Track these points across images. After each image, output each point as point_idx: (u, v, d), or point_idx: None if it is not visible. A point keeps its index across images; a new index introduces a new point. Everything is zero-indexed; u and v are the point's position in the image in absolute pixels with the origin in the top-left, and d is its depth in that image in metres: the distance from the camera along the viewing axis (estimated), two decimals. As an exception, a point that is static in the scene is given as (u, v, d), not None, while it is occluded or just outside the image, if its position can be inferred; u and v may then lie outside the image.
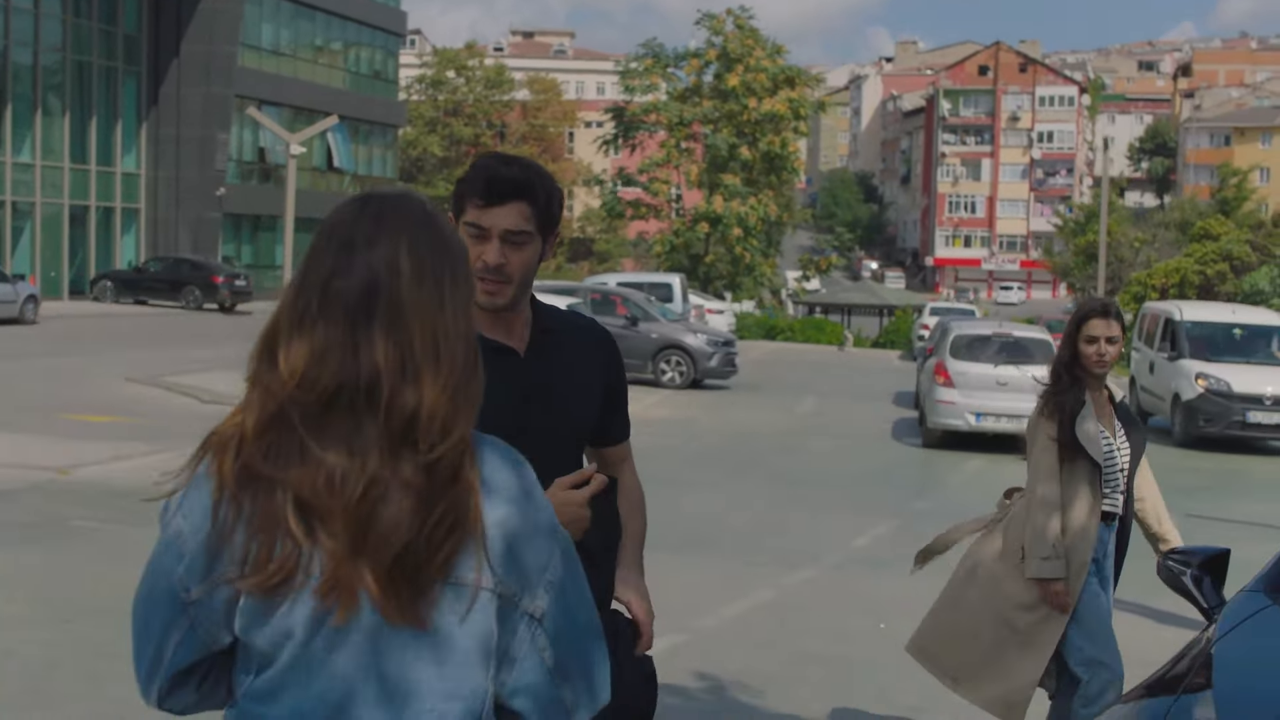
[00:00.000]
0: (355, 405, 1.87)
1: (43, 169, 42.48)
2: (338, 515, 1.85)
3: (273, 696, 1.94)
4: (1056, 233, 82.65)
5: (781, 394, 25.79)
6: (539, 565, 1.96)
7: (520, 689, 1.98)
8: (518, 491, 1.96)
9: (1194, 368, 20.08)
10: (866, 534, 11.96)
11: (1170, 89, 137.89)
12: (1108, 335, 5.29)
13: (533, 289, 3.08)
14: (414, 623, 1.88)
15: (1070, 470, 5.31)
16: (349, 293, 1.90)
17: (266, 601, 1.89)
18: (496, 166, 2.94)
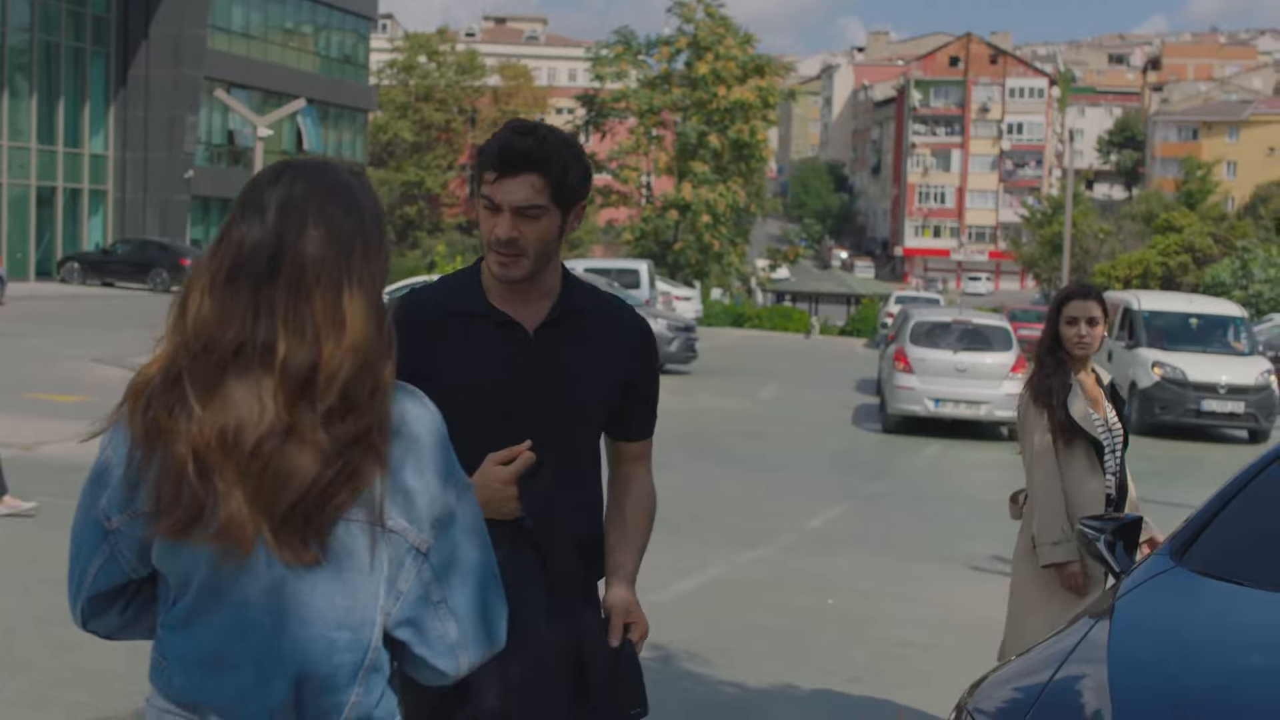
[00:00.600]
0: (255, 363, 1.96)
1: (9, 150, 42.29)
2: (232, 467, 1.95)
3: (184, 626, 2.07)
4: (1023, 224, 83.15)
5: (745, 380, 25.98)
6: (428, 503, 2.05)
7: (404, 621, 2.06)
8: (413, 431, 2.05)
9: (1150, 356, 20.36)
10: (821, 515, 12.16)
11: (1140, 82, 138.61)
12: (1088, 316, 5.27)
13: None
14: (306, 562, 1.99)
15: (1068, 454, 5.27)
16: (257, 255, 2.00)
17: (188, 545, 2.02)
18: (510, 137, 2.85)
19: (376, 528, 2.01)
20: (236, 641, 2.04)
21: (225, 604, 2.03)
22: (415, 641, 2.07)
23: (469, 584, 2.09)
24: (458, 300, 2.95)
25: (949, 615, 8.48)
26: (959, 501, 13.29)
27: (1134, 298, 22.39)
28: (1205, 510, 4.26)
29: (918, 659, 7.47)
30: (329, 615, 2.02)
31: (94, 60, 45.68)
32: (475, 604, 2.09)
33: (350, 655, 2.05)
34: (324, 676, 2.04)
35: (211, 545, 1.98)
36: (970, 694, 3.28)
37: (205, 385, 1.97)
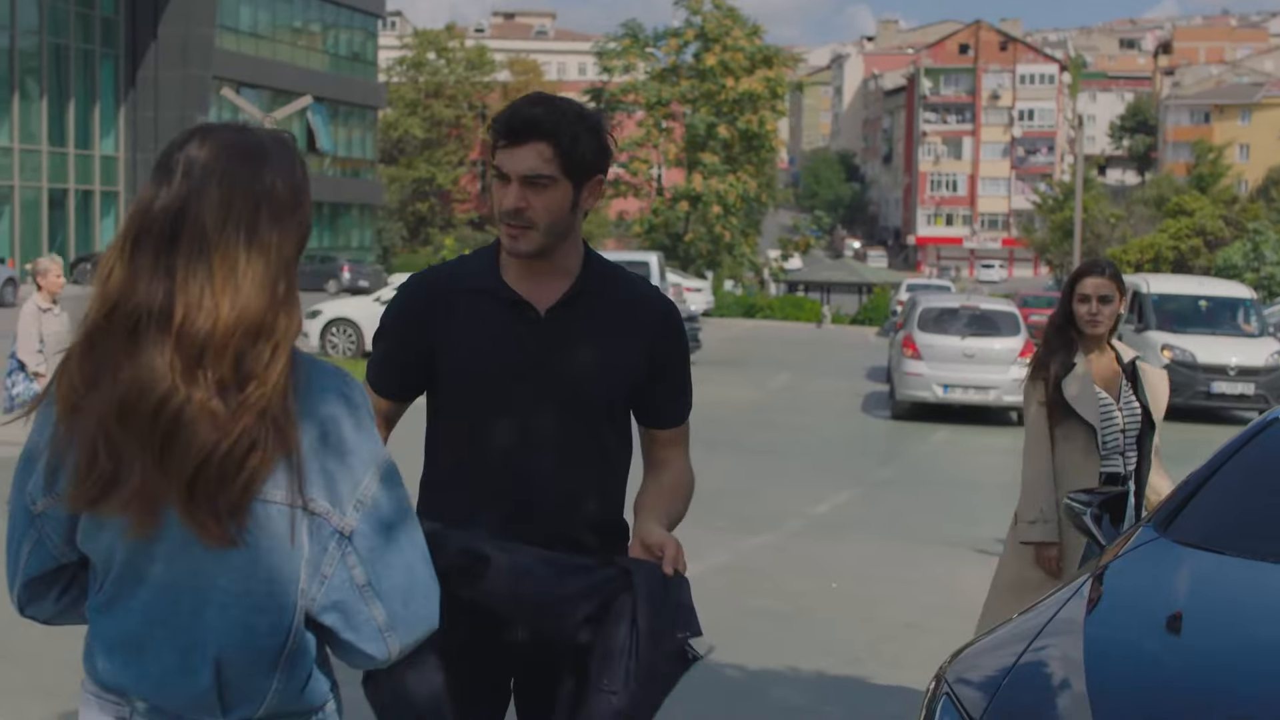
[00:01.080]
0: (154, 330, 1.92)
1: (21, 152, 42.48)
2: (134, 436, 1.92)
3: (108, 609, 2.05)
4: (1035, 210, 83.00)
5: (756, 370, 26.01)
6: (351, 484, 2.00)
7: (330, 605, 2.02)
8: (333, 411, 2.01)
9: (1160, 339, 20.32)
10: (827, 501, 12.18)
11: (1151, 66, 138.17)
12: (1100, 294, 5.22)
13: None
14: (221, 541, 1.95)
15: (1064, 433, 5.22)
16: (161, 218, 1.96)
17: (96, 517, 2.00)
18: (521, 105, 2.80)
19: (296, 510, 1.97)
20: (156, 625, 2.02)
21: (144, 586, 2.01)
22: (341, 626, 2.03)
23: (396, 566, 2.03)
24: (472, 277, 2.90)
25: (952, 598, 8.48)
26: (966, 486, 13.30)
27: (1143, 281, 22.35)
28: (1190, 482, 4.28)
29: (919, 641, 7.48)
30: (247, 599, 1.99)
31: (103, 62, 45.84)
32: (403, 585, 2.04)
33: (270, 640, 2.01)
34: (245, 661, 2.02)
35: (122, 518, 1.96)
36: (949, 663, 3.31)
37: (114, 352, 1.94)
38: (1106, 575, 3.69)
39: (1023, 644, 3.19)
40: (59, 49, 44.00)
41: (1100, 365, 5.35)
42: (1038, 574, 5.20)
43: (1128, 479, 5.30)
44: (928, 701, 3.16)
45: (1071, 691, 2.92)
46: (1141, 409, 5.34)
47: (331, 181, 58.23)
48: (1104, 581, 3.62)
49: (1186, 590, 3.60)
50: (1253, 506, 4.20)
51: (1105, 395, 5.27)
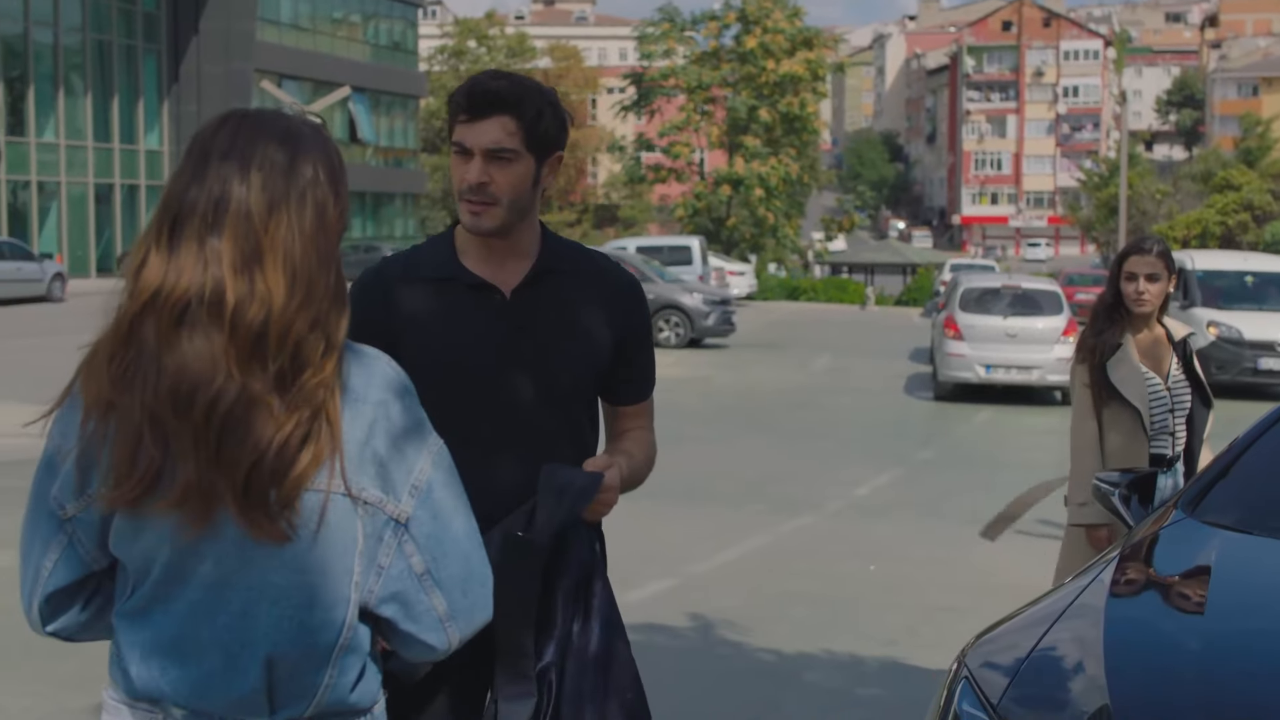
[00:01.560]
0: (204, 319, 1.86)
1: (67, 149, 42.84)
2: (187, 431, 1.85)
3: (143, 613, 1.96)
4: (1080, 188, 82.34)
5: (798, 352, 25.96)
6: (404, 471, 1.96)
7: (388, 596, 1.97)
8: (381, 397, 1.96)
9: (1205, 316, 20.13)
10: (868, 483, 12.15)
11: (1197, 40, 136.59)
12: (1147, 272, 5.15)
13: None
14: (275, 536, 1.89)
15: (1111, 413, 5.18)
16: (202, 204, 1.89)
17: (135, 518, 1.91)
18: (482, 78, 2.75)
19: (347, 499, 1.92)
20: (203, 625, 1.94)
21: (190, 586, 1.94)
22: (401, 618, 1.98)
23: (454, 553, 1.99)
24: (429, 265, 2.84)
25: (991, 580, 8.45)
26: (1007, 467, 13.23)
27: (1188, 258, 22.13)
28: (1220, 462, 4.25)
29: (956, 623, 7.43)
30: (300, 594, 1.93)
31: (146, 57, 46.15)
32: (461, 573, 2.00)
33: (324, 636, 1.96)
34: (296, 659, 1.96)
35: (171, 517, 1.89)
36: (971, 645, 3.30)
37: (158, 343, 1.87)
38: (1131, 556, 3.67)
39: (1043, 627, 3.18)
40: (102, 45, 44.33)
41: (1148, 344, 5.28)
42: (1091, 555, 5.17)
43: (1175, 460, 5.25)
44: (948, 684, 3.16)
45: (1089, 675, 2.90)
46: (1193, 387, 5.29)
47: (374, 171, 58.42)
48: (1128, 563, 3.60)
49: (1212, 571, 3.58)
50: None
51: (1152, 375, 5.22)
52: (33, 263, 33.32)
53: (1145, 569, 3.63)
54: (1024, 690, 2.93)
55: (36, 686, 5.91)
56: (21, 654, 6.28)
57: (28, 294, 32.19)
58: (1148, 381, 5.19)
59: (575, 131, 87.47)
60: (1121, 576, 3.48)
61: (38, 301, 32.28)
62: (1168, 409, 5.23)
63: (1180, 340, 5.33)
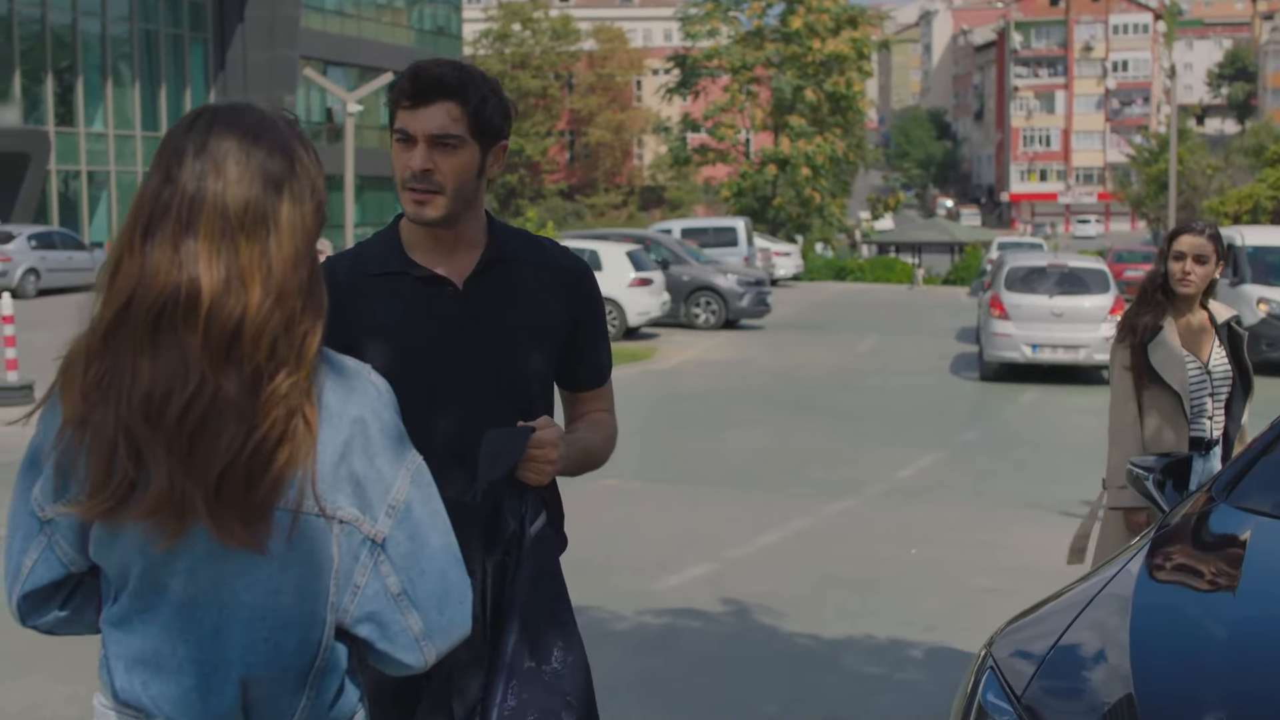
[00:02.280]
0: (179, 321, 1.83)
1: (115, 138, 43.18)
2: (160, 438, 1.82)
3: (125, 623, 1.95)
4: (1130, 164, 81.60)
5: (844, 333, 25.86)
6: (381, 490, 1.93)
7: (364, 616, 1.95)
8: (358, 414, 1.93)
9: (1255, 293, 19.91)
10: (911, 465, 12.09)
11: (1250, 11, 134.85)
12: (1196, 253, 5.09)
13: (546, 230, 2.84)
14: (249, 544, 1.86)
15: (1151, 396, 5.13)
16: (176, 205, 1.85)
17: (113, 527, 1.90)
18: (427, 65, 2.71)
19: (321, 518, 1.89)
20: (178, 643, 1.92)
21: (164, 601, 1.92)
22: (377, 638, 1.96)
23: (431, 571, 1.96)
24: (378, 261, 2.81)
25: (1033, 562, 8.39)
26: (1053, 447, 13.14)
27: (1237, 234, 21.86)
28: (1256, 446, 4.19)
29: (998, 606, 7.38)
30: (274, 615, 1.91)
31: (192, 46, 46.43)
32: (438, 592, 1.96)
33: (299, 657, 1.94)
34: (271, 680, 1.93)
35: (143, 526, 1.87)
36: (999, 633, 3.28)
37: (133, 350, 1.84)
38: (1163, 543, 3.63)
39: (1070, 616, 3.15)
40: (149, 35, 44.61)
41: (1191, 327, 5.22)
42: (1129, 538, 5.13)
43: (1214, 444, 5.21)
44: (974, 673, 3.14)
45: (1114, 666, 2.87)
46: (1235, 371, 5.23)
47: (419, 156, 58.55)
48: (1159, 550, 3.56)
49: (1244, 558, 3.53)
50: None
51: (1193, 358, 5.16)
52: (84, 252, 33.60)
53: (1176, 556, 3.59)
54: (1049, 680, 2.91)
55: (67, 679, 5.96)
56: (54, 645, 6.35)
57: (79, 283, 32.44)
58: (1188, 364, 5.13)
59: (620, 114, 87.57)
60: (1151, 564, 3.45)
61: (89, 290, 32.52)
62: (1207, 393, 5.17)
63: (1224, 323, 5.27)
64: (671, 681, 6.08)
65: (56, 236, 33.33)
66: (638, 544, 8.78)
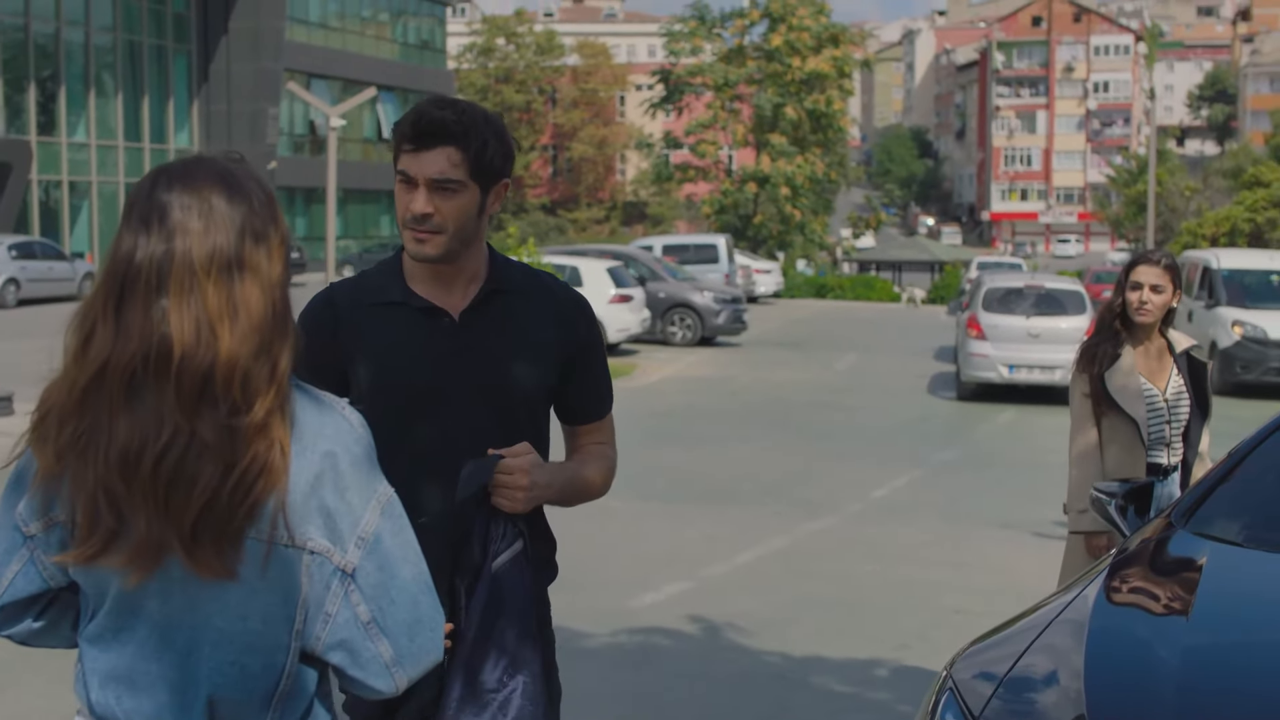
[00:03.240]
0: (152, 377, 1.91)
1: (98, 148, 43.16)
2: (138, 489, 1.90)
3: (101, 640, 2.03)
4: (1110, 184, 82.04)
5: (824, 351, 25.98)
6: (351, 523, 1.99)
7: (335, 644, 2.02)
8: (329, 448, 2.00)
9: (1230, 315, 20.09)
10: (887, 484, 12.20)
11: (1230, 34, 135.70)
12: (1152, 283, 5.19)
13: (532, 252, 2.88)
14: (222, 575, 1.94)
15: (1110, 424, 5.22)
16: (145, 268, 1.94)
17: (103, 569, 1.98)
18: (428, 108, 2.74)
19: (292, 549, 1.97)
20: (151, 661, 2.00)
21: (140, 622, 2.00)
22: (348, 664, 2.03)
23: (401, 601, 2.03)
24: (378, 291, 2.87)
25: (1006, 582, 8.50)
26: (1028, 467, 13.26)
27: (1213, 256, 22.08)
28: (1215, 473, 4.30)
29: (969, 626, 7.44)
30: (241, 639, 1.99)
31: (176, 57, 46.45)
32: (409, 621, 2.04)
33: (263, 680, 2.02)
34: (236, 701, 2.02)
35: (122, 569, 1.95)
36: (959, 655, 3.37)
37: (109, 411, 1.92)
38: (1121, 568, 3.73)
39: (1029, 638, 3.25)
40: (133, 45, 44.63)
41: (1149, 355, 5.33)
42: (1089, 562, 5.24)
43: (1172, 470, 5.31)
44: (934, 693, 3.23)
45: (1068, 687, 2.97)
46: (1193, 399, 5.33)
47: (403, 170, 58.66)
48: (1117, 575, 3.66)
49: (1199, 585, 3.63)
50: (1278, 498, 4.21)
51: (1151, 386, 5.26)
52: (64, 262, 33.60)
53: (1134, 580, 3.69)
54: (1005, 702, 3.01)
55: (57, 687, 6.02)
56: (43, 655, 6.41)
57: (59, 293, 32.45)
58: (1145, 392, 5.24)
59: (603, 129, 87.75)
60: (1109, 588, 3.55)
61: (69, 301, 32.53)
62: (1164, 420, 5.27)
63: (1182, 352, 5.38)
64: (647, 698, 6.17)
65: (37, 246, 33.32)
66: (617, 561, 8.86)
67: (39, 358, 2.08)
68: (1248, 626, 3.40)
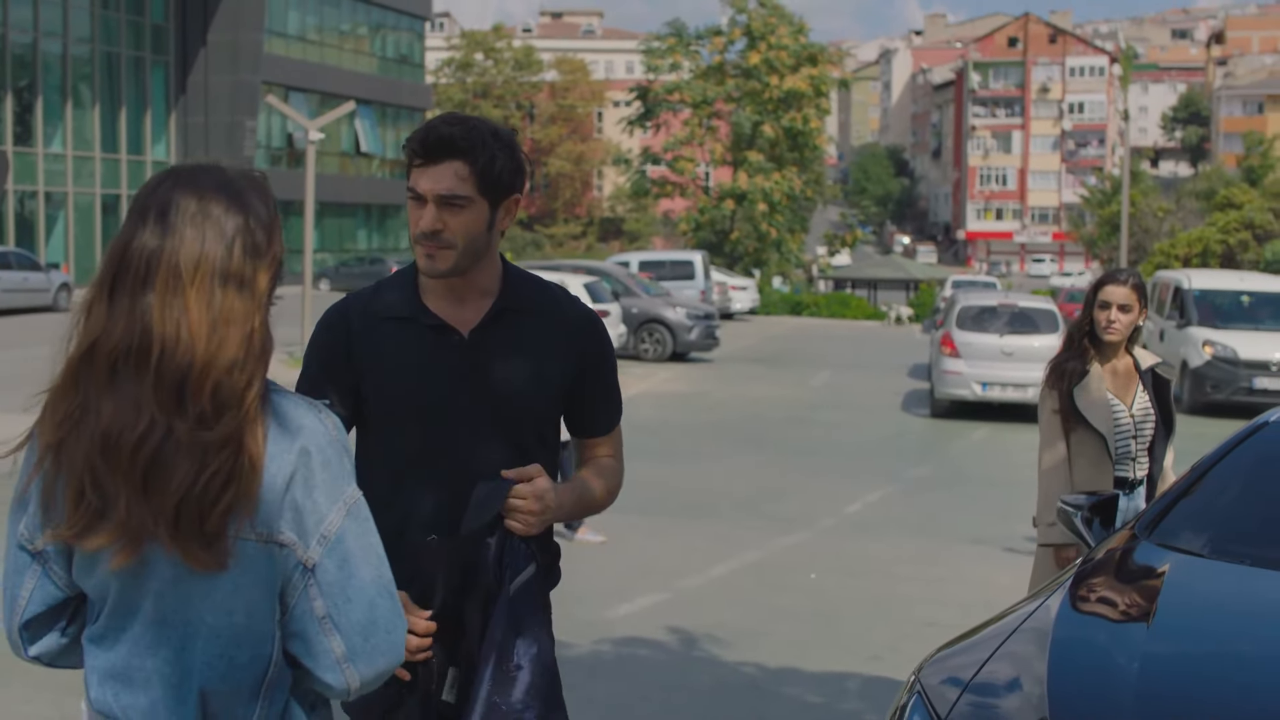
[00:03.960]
0: (134, 366, 2.00)
1: (74, 159, 43.08)
2: (118, 470, 2.00)
3: (102, 640, 2.13)
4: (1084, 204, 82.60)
5: (799, 368, 26.12)
6: (316, 520, 2.07)
7: (292, 634, 2.11)
8: (303, 446, 2.07)
9: (1201, 335, 20.29)
10: (861, 500, 12.31)
11: (1204, 57, 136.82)
12: (1120, 303, 5.31)
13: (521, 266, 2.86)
14: (212, 566, 2.03)
15: (1078, 438, 5.34)
16: (136, 261, 2.03)
17: (89, 554, 2.07)
18: (437, 124, 2.78)
19: (265, 544, 2.05)
20: (146, 657, 2.09)
21: (135, 620, 2.09)
22: (302, 654, 2.11)
23: (358, 600, 2.10)
24: (391, 305, 2.90)
25: (978, 595, 8.61)
26: (1001, 484, 13.38)
27: (1184, 276, 22.30)
28: (1178, 486, 4.41)
29: (940, 638, 7.55)
30: (229, 633, 2.08)
31: (154, 69, 46.40)
32: (364, 621, 2.10)
33: (251, 671, 2.11)
34: (227, 693, 2.10)
35: (108, 550, 2.04)
36: (926, 661, 3.47)
37: (96, 390, 2.02)
38: (1085, 578, 3.84)
39: (994, 645, 3.35)
40: (111, 56, 44.58)
41: (1117, 372, 5.47)
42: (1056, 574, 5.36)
43: (1138, 484, 5.43)
44: (903, 697, 3.33)
45: (1032, 694, 3.07)
46: (1159, 415, 5.46)
47: (380, 183, 58.70)
48: (1080, 585, 3.77)
49: (1159, 594, 3.74)
50: (1240, 510, 4.32)
51: (1118, 402, 5.39)
52: (39, 273, 33.53)
53: (1097, 591, 3.80)
54: (971, 706, 3.10)
55: (41, 693, 6.07)
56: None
57: (34, 304, 32.38)
58: (1113, 409, 5.37)
59: (581, 145, 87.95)
60: (1073, 597, 3.65)
61: (44, 312, 32.47)
62: (1131, 435, 5.40)
63: (1148, 369, 5.51)
64: (621, 708, 6.25)
65: (12, 257, 33.23)
66: (593, 573, 8.93)
67: (15, 367, 2.15)
68: (1207, 635, 3.50)
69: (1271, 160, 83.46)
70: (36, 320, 30.30)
